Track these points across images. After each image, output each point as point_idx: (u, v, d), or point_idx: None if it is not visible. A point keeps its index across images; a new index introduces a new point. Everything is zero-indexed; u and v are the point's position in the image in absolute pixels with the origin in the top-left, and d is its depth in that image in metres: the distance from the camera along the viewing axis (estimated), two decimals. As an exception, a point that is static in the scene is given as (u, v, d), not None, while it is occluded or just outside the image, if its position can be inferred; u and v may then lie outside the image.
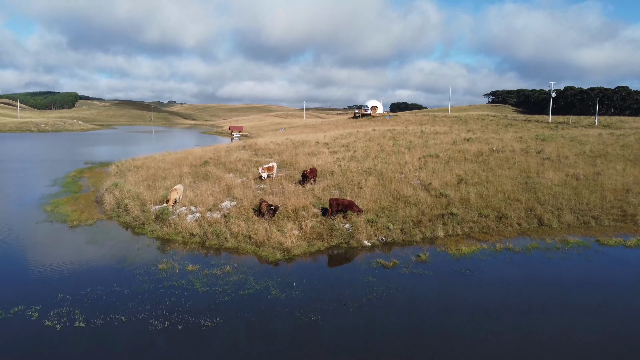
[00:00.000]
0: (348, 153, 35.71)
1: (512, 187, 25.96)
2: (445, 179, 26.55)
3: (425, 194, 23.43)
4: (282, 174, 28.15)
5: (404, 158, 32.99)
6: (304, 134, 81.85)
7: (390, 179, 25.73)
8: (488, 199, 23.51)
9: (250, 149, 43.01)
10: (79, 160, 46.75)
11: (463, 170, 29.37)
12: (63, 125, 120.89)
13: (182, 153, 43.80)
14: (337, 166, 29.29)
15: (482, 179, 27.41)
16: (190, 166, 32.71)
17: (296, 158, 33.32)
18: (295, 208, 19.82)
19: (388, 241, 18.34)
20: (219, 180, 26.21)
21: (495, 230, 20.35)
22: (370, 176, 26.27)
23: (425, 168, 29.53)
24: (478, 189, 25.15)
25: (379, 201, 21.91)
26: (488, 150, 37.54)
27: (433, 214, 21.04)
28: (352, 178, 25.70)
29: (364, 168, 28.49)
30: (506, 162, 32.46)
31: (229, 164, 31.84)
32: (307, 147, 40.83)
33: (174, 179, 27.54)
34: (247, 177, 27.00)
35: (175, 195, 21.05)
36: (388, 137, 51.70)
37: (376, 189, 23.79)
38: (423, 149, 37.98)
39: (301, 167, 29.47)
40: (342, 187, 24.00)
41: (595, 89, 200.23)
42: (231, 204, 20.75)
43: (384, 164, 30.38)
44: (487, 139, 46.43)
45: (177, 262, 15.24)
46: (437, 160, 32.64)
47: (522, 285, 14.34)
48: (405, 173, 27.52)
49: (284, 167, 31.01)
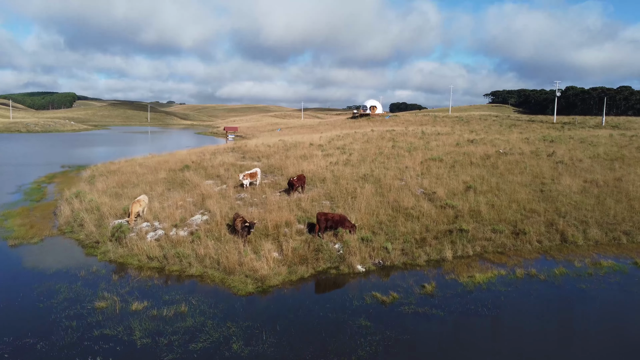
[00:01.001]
0: (343, 156, 32.66)
1: (526, 195, 22.93)
2: (451, 187, 23.51)
3: (429, 205, 20.38)
4: (268, 180, 25.08)
5: (404, 162, 29.94)
6: (299, 134, 78.82)
7: (389, 187, 22.68)
8: (501, 211, 20.47)
9: (239, 152, 39.99)
10: (56, 163, 43.64)
11: (470, 176, 26.34)
12: (54, 125, 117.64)
13: (166, 156, 40.74)
14: (329, 172, 26.23)
15: (492, 186, 24.38)
16: (168, 171, 29.64)
17: (286, 162, 30.26)
18: (276, 224, 16.73)
19: (386, 265, 15.28)
20: (196, 187, 23.14)
21: (512, 249, 17.29)
22: (366, 184, 23.21)
23: (428, 174, 26.48)
24: (489, 198, 22.11)
25: (375, 214, 18.85)
26: (495, 152, 34.52)
27: (439, 230, 17.99)
28: (345, 186, 22.64)
29: (360, 174, 25.43)
30: (516, 167, 29.43)
31: (211, 169, 28.77)
32: (299, 150, 37.79)
33: (146, 186, 24.48)
34: (228, 185, 23.93)
35: (137, 208, 17.99)
36: (387, 138, 48.66)
37: (373, 199, 20.74)
38: (425, 152, 34.95)
39: (290, 173, 26.42)
40: (334, 197, 20.94)
41: (597, 89, 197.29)
42: (202, 219, 17.66)
43: (382, 169, 27.33)
44: (492, 141, 43.42)
45: (121, 298, 12.15)
46: (441, 164, 29.59)
47: (556, 333, 11.27)
48: (405, 180, 24.47)
49: (271, 172, 27.96)
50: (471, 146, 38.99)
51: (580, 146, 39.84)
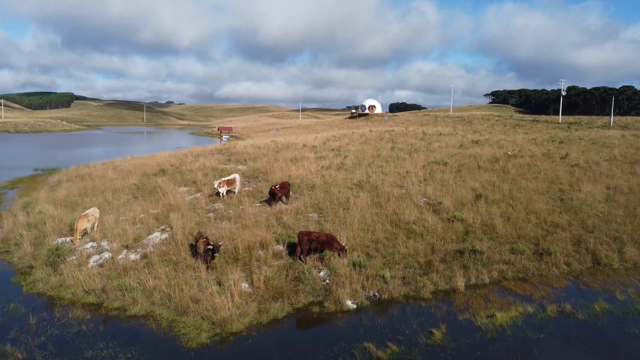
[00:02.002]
0: (337, 159, 29.61)
1: (545, 205, 19.89)
2: (459, 195, 20.48)
3: (434, 219, 17.32)
4: (249, 187, 22.01)
5: (404, 166, 26.90)
6: (295, 135, 75.79)
7: (387, 196, 19.63)
8: (518, 225, 17.43)
9: (226, 154, 36.94)
10: (29, 166, 40.52)
11: (479, 182, 23.31)
12: (44, 125, 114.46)
13: (147, 158, 37.66)
14: (320, 177, 23.17)
15: (504, 194, 21.35)
16: (141, 176, 26.59)
17: (273, 166, 27.20)
18: (248, 245, 13.64)
19: (383, 298, 12.23)
20: (165, 196, 20.06)
21: (537, 274, 14.23)
22: (361, 192, 20.16)
23: (431, 179, 23.45)
24: (502, 208, 19.08)
25: (371, 230, 15.79)
26: (503, 155, 31.50)
27: (447, 251, 14.93)
28: (337, 195, 19.59)
29: (355, 180, 22.38)
30: (529, 171, 26.42)
31: (189, 174, 25.70)
32: (290, 151, 34.76)
33: (110, 195, 21.42)
34: (203, 193, 20.87)
35: (84, 225, 14.92)
36: (386, 139, 45.62)
37: (368, 211, 17.68)
38: (427, 154, 31.93)
39: (276, 178, 23.38)
40: (323, 209, 17.88)
41: (599, 89, 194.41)
42: (161, 238, 14.58)
43: (380, 174, 24.28)
44: (497, 142, 40.42)
45: (26, 356, 9.09)
46: (446, 168, 26.56)
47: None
48: (406, 187, 21.42)
49: (255, 177, 24.90)
50: (476, 148, 35.97)
51: (593, 148, 36.83)
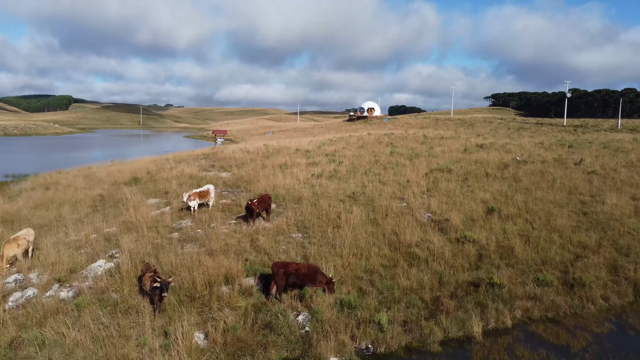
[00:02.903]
0: (331, 166, 26.87)
1: (568, 221, 17.11)
2: (468, 209, 17.74)
3: (441, 239, 14.56)
4: (227, 200, 19.23)
5: (405, 173, 24.18)
6: (290, 138, 73.14)
7: (385, 211, 16.86)
8: (540, 246, 14.68)
9: (211, 159, 34.22)
10: (0, 172, 37.76)
11: (489, 192, 20.57)
12: (35, 128, 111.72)
13: (126, 163, 34.95)
14: (309, 187, 20.42)
15: (519, 207, 18.61)
16: (112, 185, 23.83)
17: (259, 173, 24.46)
18: (209, 280, 10.85)
19: (379, 352, 9.45)
20: (128, 210, 17.27)
21: (570, 314, 11.46)
22: (355, 205, 17.39)
23: (435, 190, 20.71)
24: (519, 225, 16.32)
25: (365, 256, 13.02)
26: (512, 160, 28.78)
27: (458, 282, 12.16)
28: (327, 209, 16.81)
29: (348, 191, 19.61)
30: (543, 179, 23.69)
31: (163, 183, 22.94)
32: (281, 157, 32.02)
33: (69, 207, 18.65)
34: (172, 206, 18.10)
35: (12, 250, 12.15)
36: (385, 143, 42.92)
37: (362, 229, 14.91)
38: (429, 160, 29.20)
39: (259, 188, 20.63)
40: (309, 227, 15.10)
41: (601, 91, 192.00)
42: (105, 267, 11.79)
43: (377, 183, 21.53)
44: (503, 146, 37.69)
45: None
46: (451, 176, 23.83)
47: None
48: (407, 199, 18.66)
49: (237, 186, 22.15)
50: (481, 152, 33.25)
51: (606, 152, 34.11)
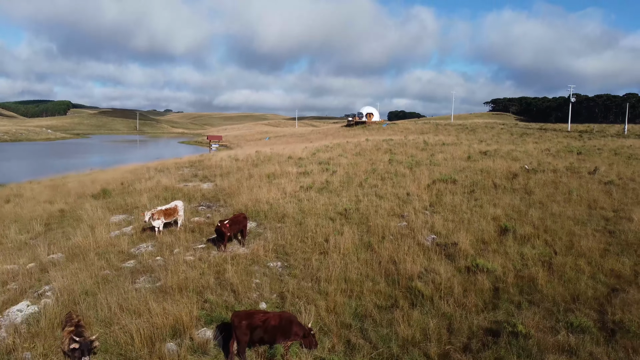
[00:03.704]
0: (323, 176, 24.48)
1: (593, 242, 14.64)
2: (477, 228, 15.32)
3: (448, 268, 12.12)
4: (200, 217, 16.78)
5: (404, 185, 21.80)
6: (286, 144, 70.91)
7: (381, 232, 14.42)
8: (566, 276, 12.22)
9: (196, 167, 31.88)
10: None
11: (500, 207, 18.17)
12: (27, 134, 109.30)
13: (105, 172, 32.58)
14: (296, 202, 18.00)
15: (535, 225, 16.21)
16: (78, 197, 21.43)
17: (242, 185, 22.07)
18: (152, 334, 8.38)
19: None
20: (86, 230, 14.84)
21: (617, 373, 9.00)
22: (347, 225, 14.97)
23: (439, 204, 18.31)
24: (539, 249, 13.90)
25: (357, 294, 10.57)
26: (520, 169, 26.45)
27: (472, 329, 9.70)
28: (314, 229, 14.37)
29: (340, 207, 17.17)
30: (557, 191, 21.32)
31: (134, 196, 20.52)
32: (271, 165, 29.66)
33: (15, 228, 16.18)
34: (136, 225, 15.64)
35: None
36: (383, 149, 40.61)
37: (354, 256, 12.47)
38: (431, 168, 26.86)
39: (239, 203, 18.22)
40: (291, 254, 12.66)
41: (602, 96, 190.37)
42: (27, 312, 9.33)
43: (374, 196, 19.11)
44: (508, 152, 35.40)
45: None
46: (455, 188, 21.45)
47: None
48: (407, 216, 16.23)
49: (216, 200, 19.73)
50: (486, 160, 30.92)
51: (619, 160, 31.83)
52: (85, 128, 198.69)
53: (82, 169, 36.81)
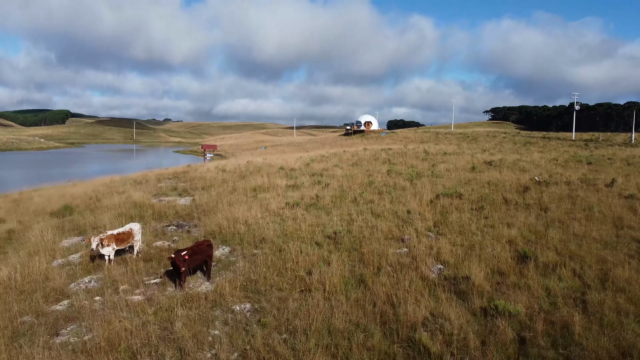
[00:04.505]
0: (313, 190, 22.08)
1: (629, 272, 12.17)
2: (491, 255, 12.88)
3: (459, 312, 9.65)
4: (164, 241, 14.31)
5: (405, 200, 19.39)
6: (281, 153, 68.67)
7: (377, 261, 11.96)
8: (606, 320, 9.73)
9: (180, 179, 29.52)
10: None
11: (515, 227, 15.75)
12: (18, 143, 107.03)
13: (82, 185, 30.18)
14: (279, 221, 15.55)
15: (557, 249, 13.78)
16: (37, 215, 18.99)
17: (222, 200, 19.66)
18: None
19: None
20: (23, 257, 12.40)
21: None
22: (336, 251, 12.52)
23: (445, 224, 15.88)
24: (567, 281, 11.46)
25: (343, 350, 8.09)
26: (530, 181, 24.10)
27: (496, 405, 7.25)
28: (296, 258, 11.91)
29: (329, 228, 14.71)
30: (575, 206, 18.93)
31: (98, 212, 18.07)
32: (259, 177, 27.27)
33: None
34: (85, 252, 13.17)
35: None
36: (382, 159, 38.31)
37: (343, 295, 10.01)
38: (433, 181, 24.48)
39: (213, 223, 15.77)
40: (264, 292, 10.20)
41: (603, 105, 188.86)
42: None
43: (369, 214, 16.68)
44: (514, 163, 33.09)
45: None
46: (462, 203, 19.04)
47: None
48: (408, 240, 13.77)
49: (191, 218, 17.29)
50: (492, 171, 28.56)
51: (634, 170, 29.57)
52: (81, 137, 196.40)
53: (60, 180, 34.41)
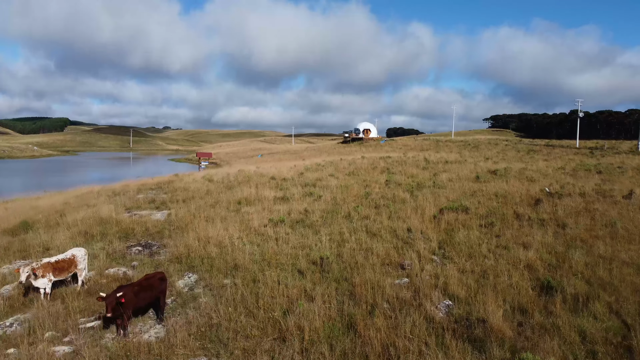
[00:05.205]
0: (304, 203, 19.95)
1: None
2: (508, 286, 10.72)
3: (476, 369, 7.49)
4: (120, 269, 12.13)
5: (404, 215, 17.25)
6: (278, 162, 66.59)
7: (371, 296, 9.77)
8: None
9: (163, 189, 27.38)
10: None
11: (531, 247, 13.63)
12: (10, 151, 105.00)
13: (56, 195, 28.08)
14: (259, 242, 13.38)
15: (585, 275, 11.64)
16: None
17: (199, 215, 17.51)
18: None
19: None
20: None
21: None
22: (322, 282, 10.35)
23: (451, 245, 13.73)
24: (603, 320, 9.29)
25: None
26: (541, 192, 21.99)
27: None
28: (272, 291, 9.74)
29: (316, 252, 12.53)
30: (594, 222, 16.82)
31: (58, 230, 15.90)
32: (247, 188, 25.13)
33: None
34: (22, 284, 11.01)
35: None
36: (380, 168, 36.19)
37: (326, 345, 7.84)
38: (435, 192, 22.37)
39: (182, 244, 13.60)
40: (226, 341, 8.03)
41: (604, 112, 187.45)
42: None
43: (364, 233, 14.51)
44: (520, 172, 30.96)
45: None
46: (468, 219, 16.90)
47: None
48: (409, 267, 11.59)
49: (160, 237, 15.12)
50: (498, 181, 26.41)
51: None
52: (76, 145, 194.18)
53: (38, 190, 32.26)
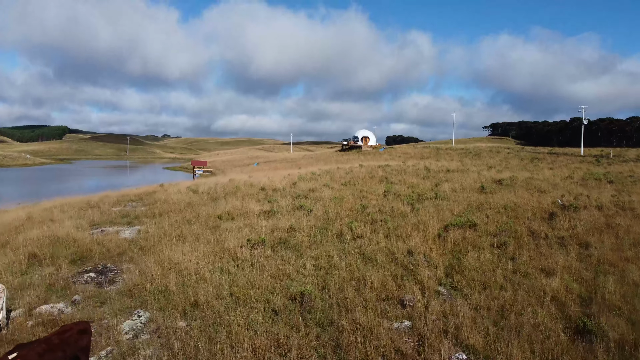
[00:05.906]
0: (291, 218, 17.81)
1: None
2: (534, 328, 8.53)
3: None
4: (56, 305, 9.99)
5: (405, 233, 15.10)
6: (273, 170, 64.55)
7: (363, 350, 7.62)
8: None
9: (143, 201, 25.31)
10: None
11: (555, 275, 11.45)
12: (2, 160, 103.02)
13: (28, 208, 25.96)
14: (231, 268, 11.23)
15: (624, 312, 9.47)
16: None
17: (169, 234, 15.39)
18: None
19: None
20: None
21: None
22: (300, 328, 8.18)
23: (460, 272, 11.57)
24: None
25: None
26: (553, 204, 19.87)
27: None
28: (236, 342, 7.61)
29: (296, 284, 10.37)
30: (622, 241, 14.71)
31: (10, 250, 13.77)
32: (233, 200, 23.06)
33: None
34: None
35: None
36: (378, 177, 34.11)
37: None
38: (438, 204, 20.24)
39: (138, 272, 11.44)
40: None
41: (605, 120, 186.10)
42: None
43: (357, 257, 12.35)
44: (527, 181, 28.88)
45: None
46: (477, 237, 14.77)
47: None
48: (411, 304, 9.42)
49: (121, 261, 12.98)
50: (505, 191, 24.32)
51: (666, 191, 25.25)
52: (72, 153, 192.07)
53: (9, 203, 30.12)
